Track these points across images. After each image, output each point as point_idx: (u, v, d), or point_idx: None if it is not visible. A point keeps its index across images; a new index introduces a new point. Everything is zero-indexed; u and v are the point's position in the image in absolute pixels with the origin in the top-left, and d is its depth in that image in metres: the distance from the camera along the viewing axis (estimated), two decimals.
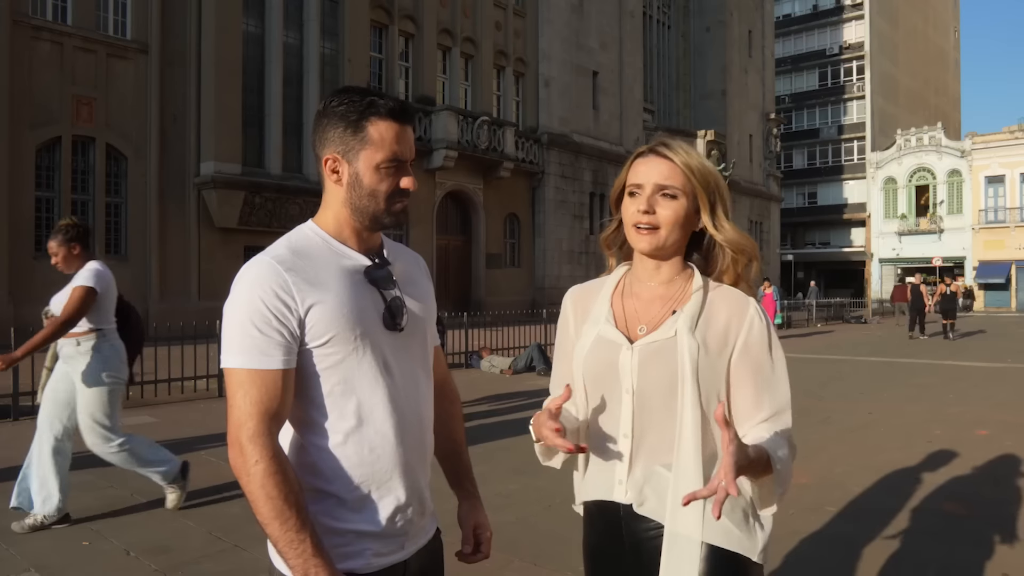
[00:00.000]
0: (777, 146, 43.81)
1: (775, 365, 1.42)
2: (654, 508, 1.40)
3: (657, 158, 1.43)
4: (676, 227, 1.42)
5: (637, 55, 31.66)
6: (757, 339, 1.40)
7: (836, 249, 53.24)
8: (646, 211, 1.41)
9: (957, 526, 4.16)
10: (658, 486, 1.39)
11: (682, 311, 1.41)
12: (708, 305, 1.42)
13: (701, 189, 1.42)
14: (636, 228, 1.43)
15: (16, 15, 14.86)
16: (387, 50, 22.36)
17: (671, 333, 1.40)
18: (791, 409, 1.43)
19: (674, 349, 1.38)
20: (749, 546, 1.39)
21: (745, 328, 1.40)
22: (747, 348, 1.39)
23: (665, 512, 1.38)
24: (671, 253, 1.46)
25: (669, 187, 1.41)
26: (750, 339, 1.40)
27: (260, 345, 1.25)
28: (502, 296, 23.57)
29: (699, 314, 1.41)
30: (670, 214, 1.41)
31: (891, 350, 15.57)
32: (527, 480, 4.99)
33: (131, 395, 8.33)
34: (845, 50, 52.86)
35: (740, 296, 1.43)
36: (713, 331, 1.40)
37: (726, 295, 1.43)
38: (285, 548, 1.22)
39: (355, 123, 1.34)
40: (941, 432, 6.73)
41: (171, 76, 17.10)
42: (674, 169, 1.42)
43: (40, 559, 3.63)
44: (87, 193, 16.16)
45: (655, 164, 1.43)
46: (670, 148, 1.44)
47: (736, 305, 1.42)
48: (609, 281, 1.56)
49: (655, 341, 1.41)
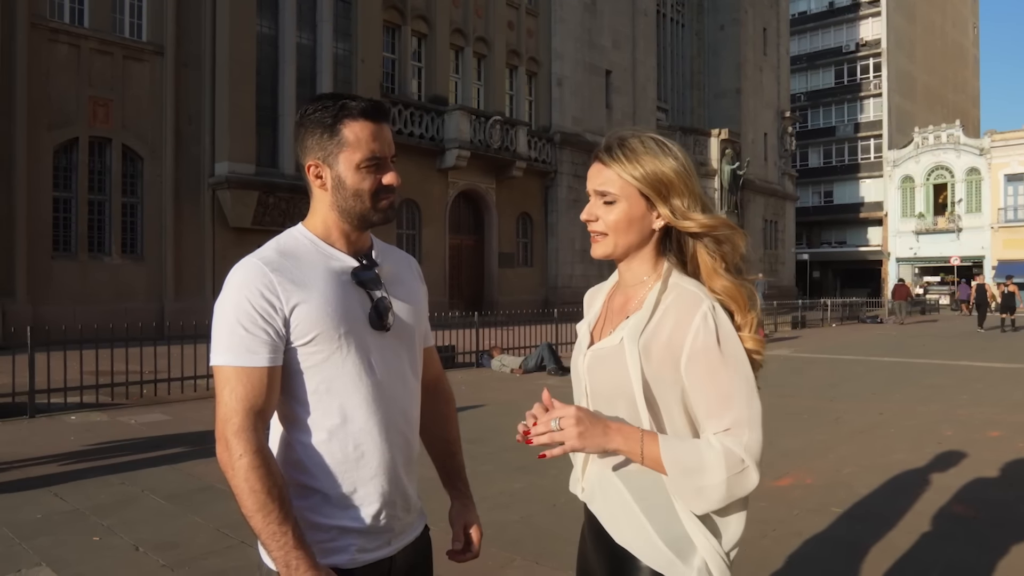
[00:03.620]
0: (792, 144, 43.54)
1: (729, 373, 1.30)
2: (599, 510, 1.42)
3: (596, 164, 1.41)
4: (622, 231, 1.38)
5: (651, 54, 31.58)
6: (702, 348, 1.30)
7: (852, 248, 52.83)
8: (587, 219, 1.41)
9: (965, 527, 4.14)
10: (607, 486, 1.40)
11: (631, 318, 1.39)
12: (660, 312, 1.36)
13: (647, 188, 1.36)
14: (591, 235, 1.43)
15: (34, 18, 15.05)
16: (400, 50, 22.44)
17: (616, 341, 1.38)
18: (755, 423, 1.30)
19: (616, 356, 1.37)
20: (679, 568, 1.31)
21: (690, 336, 1.31)
22: (693, 357, 1.31)
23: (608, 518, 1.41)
24: (629, 254, 1.42)
25: (607, 193, 1.38)
26: (695, 348, 1.31)
27: (246, 343, 1.29)
28: (514, 296, 23.60)
29: (647, 321, 1.36)
30: (612, 219, 1.39)
31: (906, 350, 15.45)
32: (532, 479, 5.01)
33: (145, 393, 8.45)
34: (862, 47, 52.42)
35: (691, 301, 1.33)
36: (658, 340, 1.34)
37: (679, 301, 1.35)
38: (268, 540, 1.26)
39: (330, 127, 1.37)
40: (952, 433, 6.68)
41: (186, 77, 17.26)
42: (609, 175, 1.38)
43: (52, 554, 3.70)
44: (103, 193, 16.34)
45: (594, 171, 1.41)
46: (609, 152, 1.39)
47: (684, 312, 1.33)
48: (609, 282, 1.57)
49: (602, 348, 1.41)
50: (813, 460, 5.73)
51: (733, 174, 33.18)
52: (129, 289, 16.29)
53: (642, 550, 1.33)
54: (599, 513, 1.41)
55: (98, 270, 16.04)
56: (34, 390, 7.53)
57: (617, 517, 1.37)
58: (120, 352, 8.27)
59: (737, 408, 1.29)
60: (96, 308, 14.43)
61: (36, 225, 15.05)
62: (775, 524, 4.14)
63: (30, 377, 7.49)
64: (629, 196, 1.38)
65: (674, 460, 1.27)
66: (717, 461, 1.26)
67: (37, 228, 15.08)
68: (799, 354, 14.62)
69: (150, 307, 15.74)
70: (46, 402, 7.67)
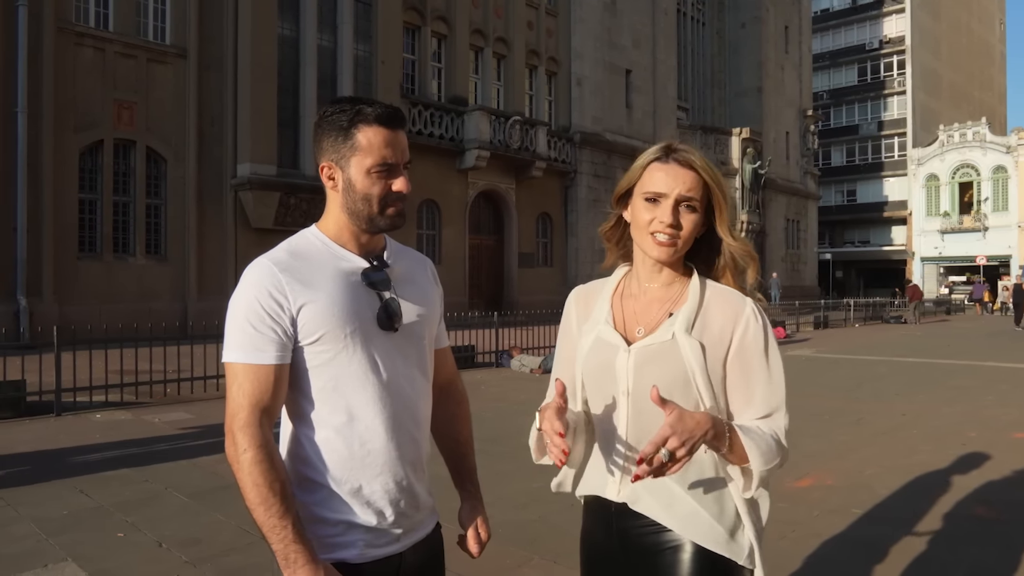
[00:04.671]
0: (815, 143, 43.07)
1: (771, 366, 1.41)
2: (649, 506, 1.44)
3: (680, 167, 1.41)
4: (690, 238, 1.43)
5: (671, 53, 31.42)
6: (752, 339, 1.40)
7: (876, 248, 52.22)
8: (671, 224, 1.39)
9: (987, 529, 4.09)
10: (654, 485, 1.40)
11: (678, 313, 1.43)
12: (705, 306, 1.43)
13: (719, 197, 1.43)
14: (654, 236, 1.42)
15: (60, 22, 15.29)
16: (420, 51, 22.52)
17: (668, 336, 1.41)
18: (786, 411, 1.43)
19: (672, 352, 1.40)
20: (735, 549, 1.40)
21: (741, 328, 1.40)
22: (742, 348, 1.40)
23: (660, 510, 1.43)
24: (679, 259, 1.47)
25: (692, 199, 1.40)
26: (745, 339, 1.40)
27: (255, 341, 1.33)
28: (535, 295, 23.58)
29: (695, 316, 1.42)
30: (691, 227, 1.42)
31: (931, 351, 15.25)
32: (551, 479, 5.01)
33: (168, 392, 8.56)
34: (885, 44, 51.80)
35: (737, 296, 1.44)
36: (710, 332, 1.41)
37: (723, 295, 1.44)
38: (268, 533, 1.29)
39: (345, 131, 1.40)
40: (976, 434, 6.59)
41: (208, 80, 17.44)
42: (697, 180, 1.41)
43: (77, 549, 3.77)
44: (128, 195, 16.56)
45: (679, 174, 1.40)
46: (692, 155, 1.42)
47: (732, 305, 1.42)
48: (610, 282, 1.58)
49: (652, 344, 1.42)
50: (834, 461, 5.69)
51: (754, 173, 32.88)
52: (153, 289, 16.50)
53: (702, 535, 1.40)
54: (649, 510, 1.43)
55: (123, 270, 16.26)
56: (60, 388, 7.66)
57: (672, 509, 1.42)
58: (144, 351, 8.39)
59: (775, 395, 1.42)
60: (121, 308, 14.63)
61: (62, 226, 15.29)
62: (794, 525, 4.12)
63: (56, 376, 7.63)
64: (703, 203, 1.43)
65: (757, 450, 1.34)
66: (777, 448, 1.37)
67: (63, 229, 15.31)
68: (821, 354, 14.49)
69: (174, 307, 15.93)
70: (72, 400, 7.80)
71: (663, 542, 1.43)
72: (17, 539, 3.93)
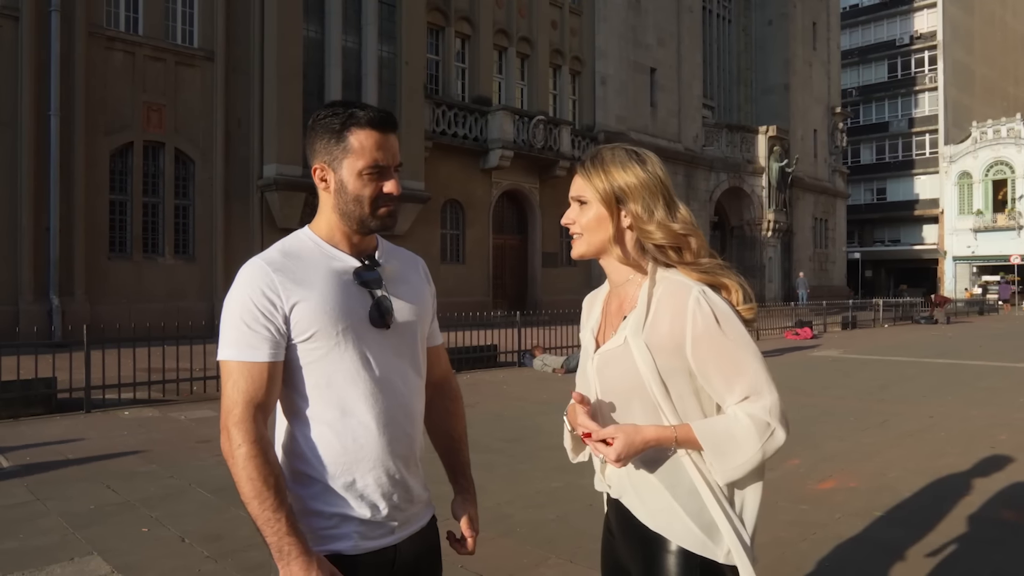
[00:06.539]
0: (843, 141, 42.46)
1: (733, 348, 1.38)
2: (631, 501, 1.50)
3: (575, 176, 1.56)
4: (593, 230, 1.50)
5: (696, 51, 31.18)
6: (703, 329, 1.38)
7: (907, 247, 51.36)
8: (567, 223, 1.54)
9: (1013, 533, 4.02)
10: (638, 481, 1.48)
11: (630, 316, 1.47)
12: (655, 306, 1.43)
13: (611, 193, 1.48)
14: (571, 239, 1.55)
15: (92, 27, 15.58)
16: (443, 52, 22.60)
17: (621, 341, 1.46)
18: (772, 388, 1.39)
19: (625, 356, 1.44)
20: (711, 548, 1.41)
21: (689, 321, 1.38)
22: (696, 339, 1.38)
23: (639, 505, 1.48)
24: (602, 252, 1.52)
25: (582, 197, 1.51)
26: (696, 330, 1.38)
27: (248, 339, 1.37)
28: (558, 295, 23.55)
29: (645, 317, 1.43)
30: (584, 221, 1.52)
31: (961, 352, 14.98)
32: (570, 478, 5.01)
33: (195, 390, 8.69)
34: (916, 40, 50.93)
35: (683, 289, 1.41)
36: (659, 332, 1.41)
37: (670, 291, 1.43)
38: (263, 526, 1.33)
39: (338, 133, 1.43)
40: (1006, 437, 6.47)
41: (235, 82, 17.66)
42: (582, 183, 1.52)
43: (102, 543, 3.84)
44: (157, 196, 16.83)
45: (574, 179, 1.55)
46: (583, 165, 1.53)
47: (678, 300, 1.40)
48: (604, 288, 1.65)
49: (609, 349, 1.49)
50: (858, 463, 5.61)
51: (781, 171, 32.49)
52: (181, 288, 16.75)
53: (678, 534, 1.41)
54: (632, 505, 1.48)
55: (152, 270, 16.53)
56: (90, 386, 7.82)
57: (650, 506, 1.45)
58: (171, 350, 8.53)
59: (750, 376, 1.38)
60: (150, 307, 14.87)
61: (94, 227, 15.57)
62: (815, 528, 4.08)
63: (86, 373, 7.79)
64: (603, 200, 1.49)
65: (708, 437, 1.36)
66: (748, 433, 1.35)
67: (95, 230, 15.60)
68: (848, 355, 14.30)
69: (201, 306, 16.14)
70: (101, 397, 7.96)
71: (650, 535, 1.46)
72: (45, 532, 4.02)
